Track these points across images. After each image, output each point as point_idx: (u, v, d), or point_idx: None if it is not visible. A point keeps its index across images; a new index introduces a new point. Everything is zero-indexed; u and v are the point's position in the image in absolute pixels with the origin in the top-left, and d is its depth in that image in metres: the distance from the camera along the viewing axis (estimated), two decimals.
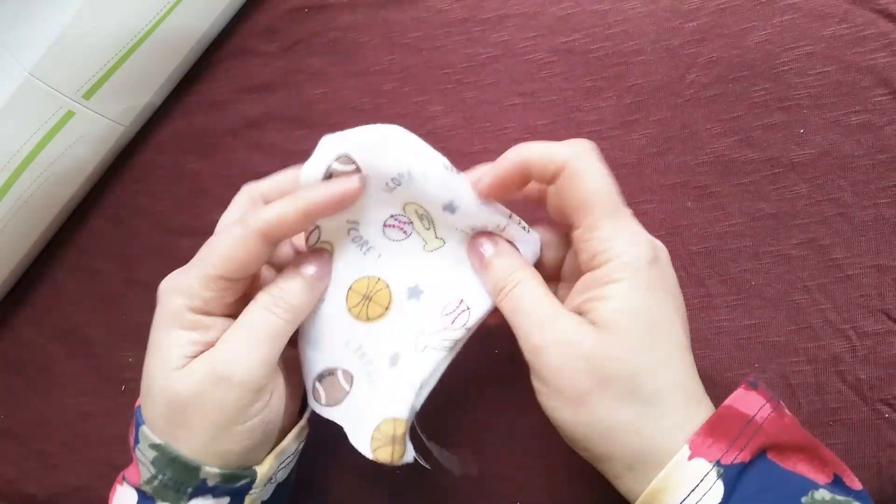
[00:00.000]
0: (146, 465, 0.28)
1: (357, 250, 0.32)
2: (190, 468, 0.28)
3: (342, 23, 0.42)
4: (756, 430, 0.25)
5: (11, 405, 0.47)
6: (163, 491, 0.28)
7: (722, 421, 0.25)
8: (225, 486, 0.28)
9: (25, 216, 0.42)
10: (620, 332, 0.26)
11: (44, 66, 0.37)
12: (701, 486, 0.24)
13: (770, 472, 0.25)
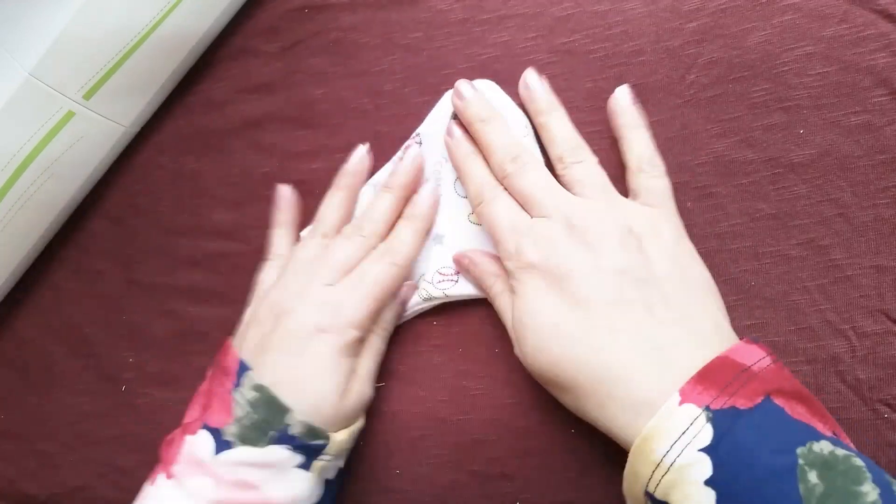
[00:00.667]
0: (242, 404, 0.32)
1: (431, 178, 0.38)
2: (282, 410, 0.32)
3: (342, 23, 0.42)
4: (751, 377, 0.26)
5: (11, 405, 0.47)
6: (248, 431, 0.32)
7: (713, 370, 0.26)
8: (303, 440, 0.32)
9: (25, 216, 0.42)
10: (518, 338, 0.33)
11: (44, 66, 0.37)
12: (690, 430, 0.25)
13: (770, 418, 0.25)
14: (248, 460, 0.31)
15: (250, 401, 0.32)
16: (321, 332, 0.33)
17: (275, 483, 0.32)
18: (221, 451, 0.31)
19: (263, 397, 0.32)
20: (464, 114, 0.35)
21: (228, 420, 0.32)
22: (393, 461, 0.38)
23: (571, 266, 0.30)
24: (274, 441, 0.32)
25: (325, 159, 0.41)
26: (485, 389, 0.37)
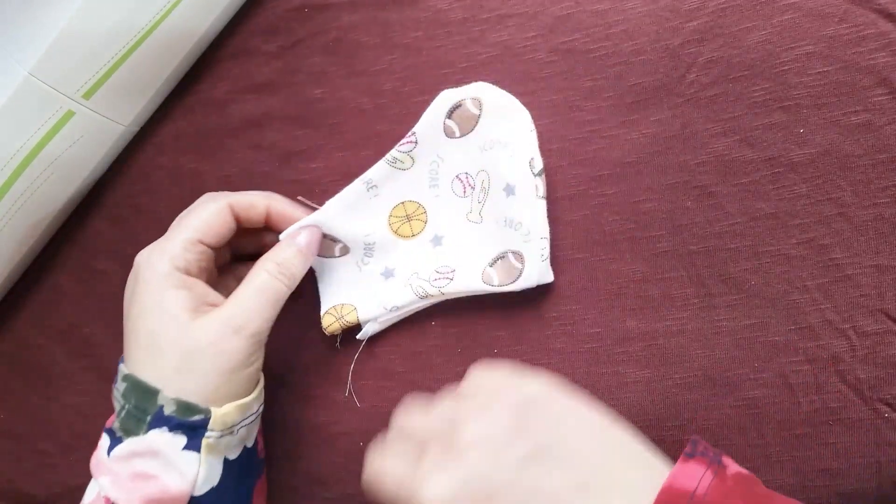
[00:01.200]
0: (118, 398, 0.32)
1: (427, 179, 0.38)
2: (150, 392, 0.31)
3: (342, 23, 0.42)
4: (700, 502, 0.24)
5: (11, 405, 0.47)
6: (127, 422, 0.31)
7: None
8: (180, 418, 0.31)
9: (25, 216, 0.42)
10: None
11: (44, 65, 0.37)
12: None
13: None
14: (134, 450, 0.31)
15: (123, 392, 0.32)
16: (135, 274, 0.33)
17: (167, 470, 0.31)
18: (113, 447, 0.32)
19: (131, 384, 0.31)
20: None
21: (113, 419, 0.32)
22: None
23: (483, 485, 0.26)
24: (151, 425, 0.31)
25: (325, 159, 0.41)
26: None
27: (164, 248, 0.33)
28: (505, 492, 0.25)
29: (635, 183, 0.36)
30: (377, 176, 0.38)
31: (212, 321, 0.32)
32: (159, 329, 0.32)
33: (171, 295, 0.32)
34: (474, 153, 0.37)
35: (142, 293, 0.32)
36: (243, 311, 0.32)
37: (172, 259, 0.32)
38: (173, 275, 0.32)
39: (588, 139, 0.37)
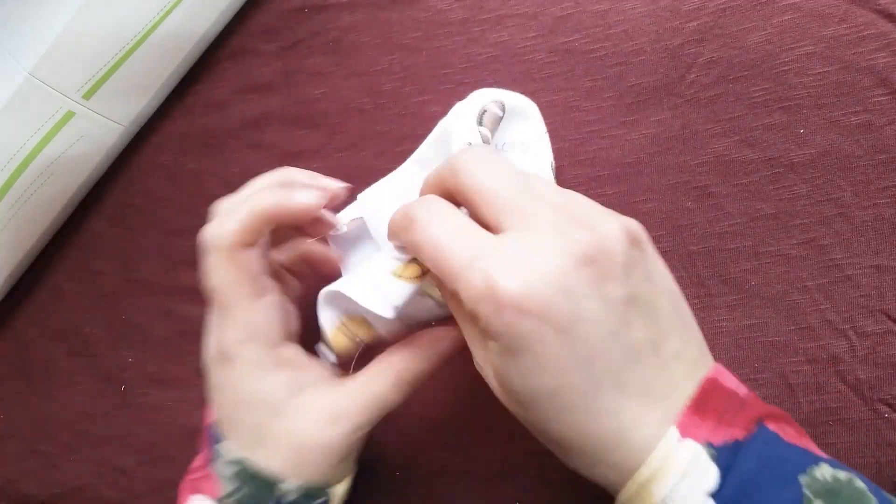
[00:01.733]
0: (225, 480, 0.29)
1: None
2: (270, 484, 0.28)
3: (342, 23, 0.42)
4: (741, 402, 0.24)
5: (12, 405, 0.47)
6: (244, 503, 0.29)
7: (707, 398, 0.23)
8: (303, 501, 0.29)
9: (25, 216, 0.42)
10: (503, 390, 0.26)
11: (44, 66, 0.37)
12: (692, 471, 0.22)
13: (769, 447, 0.23)
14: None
15: (231, 477, 0.29)
16: (225, 360, 0.29)
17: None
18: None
19: (245, 473, 0.29)
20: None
21: (217, 494, 0.29)
22: (392, 462, 0.38)
23: (575, 306, 0.22)
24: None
25: (325, 159, 0.41)
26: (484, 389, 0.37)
27: (249, 329, 0.29)
28: (587, 320, 0.22)
29: (635, 183, 0.36)
30: (425, 153, 0.34)
31: (315, 416, 0.29)
32: (265, 423, 0.29)
33: (273, 383, 0.29)
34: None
35: (240, 384, 0.29)
36: (350, 413, 0.29)
37: (263, 344, 0.29)
38: (267, 356, 0.29)
39: (588, 139, 0.37)
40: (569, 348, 0.22)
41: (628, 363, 0.23)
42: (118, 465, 0.44)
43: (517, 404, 0.25)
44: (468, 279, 0.23)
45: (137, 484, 0.44)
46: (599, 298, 0.23)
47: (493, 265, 0.23)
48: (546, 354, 0.22)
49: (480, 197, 0.24)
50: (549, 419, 0.24)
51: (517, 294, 0.22)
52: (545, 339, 0.22)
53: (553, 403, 0.23)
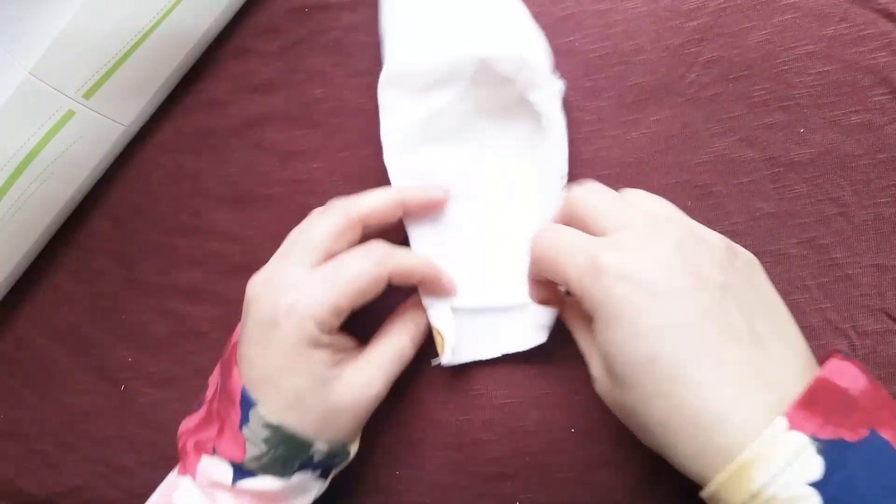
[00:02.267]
0: (256, 444, 0.31)
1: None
2: (305, 445, 0.31)
3: (342, 23, 0.42)
4: (852, 404, 0.23)
5: (11, 405, 0.47)
6: (271, 465, 0.31)
7: (816, 395, 0.23)
8: (327, 462, 0.33)
9: (25, 216, 0.42)
10: (609, 373, 0.27)
11: (44, 65, 0.37)
12: (797, 459, 0.22)
13: (879, 454, 0.23)
14: (272, 488, 0.32)
15: (265, 440, 0.31)
16: (275, 325, 0.31)
17: (295, 496, 0.33)
18: (241, 478, 0.31)
19: (280, 435, 0.31)
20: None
21: (243, 457, 0.31)
22: (392, 462, 0.38)
23: (670, 278, 0.25)
24: (300, 469, 0.32)
25: (325, 159, 0.41)
26: (484, 389, 0.37)
27: (310, 311, 0.31)
28: (680, 291, 0.25)
29: (636, 183, 0.36)
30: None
31: (352, 383, 0.32)
32: (305, 389, 0.31)
33: (316, 356, 0.31)
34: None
35: (285, 350, 0.31)
36: (382, 374, 0.34)
37: (320, 325, 0.31)
38: (319, 338, 0.31)
39: (588, 139, 0.37)
40: (663, 315, 0.24)
41: (725, 341, 0.24)
42: (118, 465, 0.44)
43: (621, 387, 0.26)
44: (575, 263, 0.26)
45: (137, 484, 0.44)
46: (693, 276, 0.25)
47: (596, 249, 0.26)
48: (641, 320, 0.24)
49: (587, 215, 0.28)
50: (649, 395, 0.25)
51: (615, 263, 0.25)
52: (640, 304, 0.24)
53: (652, 373, 0.24)
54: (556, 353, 0.36)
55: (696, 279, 0.25)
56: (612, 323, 0.25)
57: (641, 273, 0.25)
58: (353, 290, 0.31)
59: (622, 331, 0.25)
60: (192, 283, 0.44)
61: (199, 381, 0.43)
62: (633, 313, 0.25)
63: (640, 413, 0.25)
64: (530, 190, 0.37)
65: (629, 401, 0.26)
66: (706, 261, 0.25)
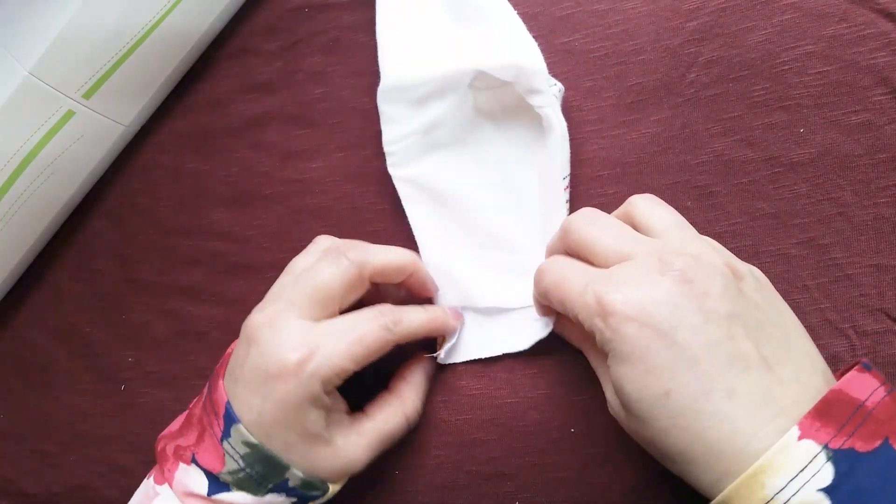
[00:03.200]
0: (235, 458, 0.31)
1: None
2: (280, 467, 0.31)
3: (342, 23, 0.42)
4: (867, 415, 0.24)
5: (11, 405, 0.47)
6: (245, 481, 0.31)
7: (830, 406, 0.24)
8: (301, 491, 0.32)
9: (25, 216, 0.42)
10: (624, 406, 0.27)
11: (44, 65, 0.37)
12: (809, 467, 0.23)
13: (891, 465, 0.23)
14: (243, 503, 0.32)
15: (243, 456, 0.31)
16: (278, 378, 0.30)
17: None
18: (216, 492, 0.31)
19: (258, 455, 0.31)
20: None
21: (220, 468, 0.31)
22: (392, 462, 0.38)
23: (676, 315, 0.25)
24: (271, 491, 0.32)
25: (325, 159, 0.41)
26: (484, 389, 0.37)
27: (322, 370, 0.30)
28: (685, 327, 0.25)
29: (635, 183, 0.36)
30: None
31: (340, 454, 0.32)
32: (294, 442, 0.31)
33: (314, 416, 0.31)
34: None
35: (286, 404, 0.30)
36: (368, 452, 0.33)
37: (325, 385, 0.31)
38: (322, 398, 0.31)
39: (588, 139, 0.37)
40: (672, 352, 0.25)
41: (735, 370, 0.25)
42: (118, 465, 0.44)
43: (637, 419, 0.27)
44: (583, 301, 0.27)
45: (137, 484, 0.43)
46: (698, 311, 0.25)
47: (601, 287, 0.27)
48: (652, 358, 0.25)
49: (590, 247, 0.29)
50: (665, 428, 0.25)
51: (620, 303, 0.26)
52: (649, 343, 0.25)
53: (666, 408, 0.25)
54: (556, 353, 0.36)
55: (702, 313, 0.25)
56: (624, 361, 0.26)
57: (648, 312, 0.25)
58: (362, 355, 0.31)
59: (635, 368, 0.26)
60: (192, 283, 0.44)
61: (199, 381, 0.43)
62: (644, 351, 0.25)
63: (659, 444, 0.26)
64: (532, 191, 0.37)
65: (647, 433, 0.26)
66: (711, 291, 0.26)
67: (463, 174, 0.38)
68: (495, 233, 0.37)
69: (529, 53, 0.35)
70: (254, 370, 0.31)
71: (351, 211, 0.41)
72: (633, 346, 0.25)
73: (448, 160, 0.38)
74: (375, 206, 0.40)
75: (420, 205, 0.38)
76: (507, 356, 0.37)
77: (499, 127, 0.38)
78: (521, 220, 0.37)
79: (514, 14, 0.36)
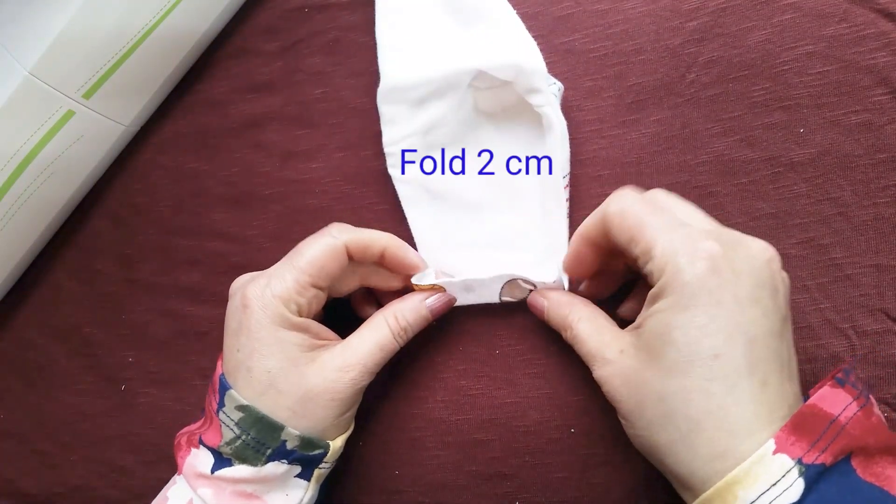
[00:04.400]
0: (230, 426, 0.31)
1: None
2: (274, 427, 0.31)
3: (342, 23, 0.42)
4: (838, 431, 0.25)
5: (11, 405, 0.47)
6: (243, 451, 0.31)
7: (805, 420, 0.25)
8: (301, 452, 0.32)
9: (25, 216, 0.42)
10: (652, 353, 0.27)
11: (44, 65, 0.37)
12: (782, 481, 0.23)
13: (848, 480, 0.24)
14: (246, 477, 0.31)
15: (237, 422, 0.31)
16: (245, 307, 0.32)
17: (275, 493, 0.32)
18: (220, 468, 0.31)
19: (251, 417, 0.31)
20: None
21: (219, 441, 0.32)
22: (392, 462, 0.38)
23: (756, 288, 0.26)
24: (271, 458, 0.31)
25: (325, 159, 0.41)
26: (484, 389, 0.37)
27: (277, 289, 0.32)
28: (761, 307, 0.26)
29: (635, 183, 0.36)
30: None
31: (327, 366, 0.32)
32: (276, 370, 0.31)
33: (287, 336, 0.32)
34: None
35: (256, 331, 0.32)
36: (358, 360, 0.33)
37: (286, 303, 0.32)
38: (288, 317, 0.32)
39: (588, 139, 0.37)
40: (740, 321, 0.25)
41: (776, 367, 0.25)
42: (118, 465, 0.44)
43: (663, 371, 0.26)
44: (670, 236, 0.27)
45: (137, 484, 0.44)
46: (772, 299, 0.26)
47: (699, 233, 0.27)
48: (721, 316, 0.25)
49: (674, 209, 0.29)
50: (694, 388, 0.25)
51: (717, 252, 0.26)
52: (725, 302, 0.25)
53: (709, 369, 0.25)
54: (556, 353, 0.36)
55: (774, 301, 0.26)
56: (689, 308, 0.25)
57: (736, 274, 0.25)
58: (313, 265, 0.32)
59: (696, 319, 0.25)
60: (192, 283, 0.44)
61: (199, 381, 0.43)
62: (716, 307, 0.25)
63: (670, 401, 0.26)
64: (532, 191, 0.37)
65: (666, 388, 0.26)
66: (781, 290, 0.27)
67: (462, 174, 0.38)
68: (495, 233, 0.37)
69: (529, 53, 0.35)
70: (231, 316, 0.33)
71: (351, 211, 0.41)
72: (707, 298, 0.25)
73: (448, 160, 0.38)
74: (375, 206, 0.40)
75: (419, 205, 0.38)
76: (507, 356, 0.37)
77: (498, 127, 0.38)
78: (520, 219, 0.37)
79: (513, 14, 0.36)
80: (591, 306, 0.33)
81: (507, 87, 0.36)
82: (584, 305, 0.33)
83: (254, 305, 0.32)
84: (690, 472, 0.26)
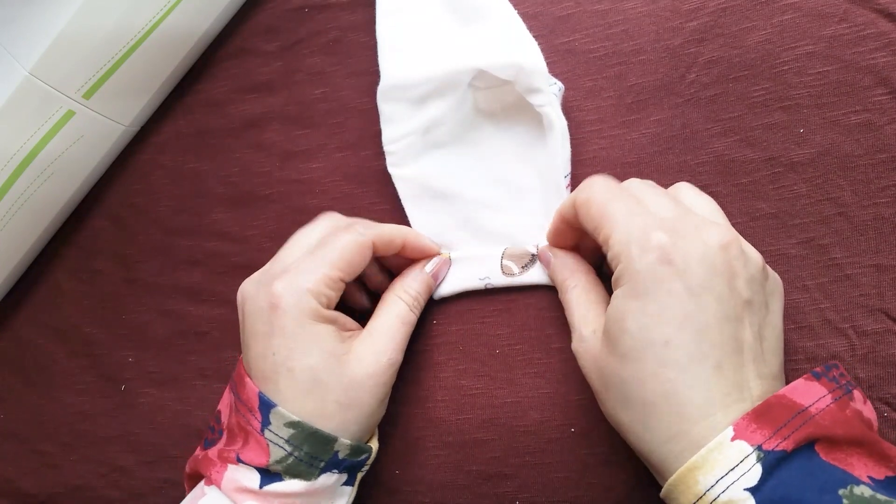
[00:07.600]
0: (280, 444, 0.31)
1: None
2: (327, 440, 0.31)
3: (342, 23, 0.42)
4: (806, 420, 0.25)
5: (11, 405, 0.47)
6: (296, 467, 0.31)
7: (770, 409, 0.25)
8: (350, 459, 0.32)
9: (25, 216, 0.42)
10: (611, 339, 0.28)
11: (44, 65, 0.37)
12: (739, 467, 0.24)
13: (810, 463, 0.24)
14: (299, 491, 0.31)
15: (288, 439, 0.31)
16: (274, 307, 0.31)
17: (321, 500, 0.32)
18: (268, 483, 0.31)
19: (303, 433, 0.31)
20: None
21: (267, 460, 0.31)
22: (392, 461, 0.38)
23: (708, 277, 0.26)
24: (325, 470, 0.31)
25: (325, 159, 0.41)
26: (484, 389, 0.37)
27: (305, 284, 0.31)
28: (713, 293, 0.26)
29: None
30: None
31: (363, 353, 0.33)
32: (319, 365, 0.31)
33: (323, 330, 0.32)
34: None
35: (292, 329, 0.31)
36: (389, 339, 0.34)
37: (317, 296, 0.32)
38: (321, 311, 0.32)
39: (588, 139, 0.37)
40: (691, 309, 0.26)
41: (731, 351, 0.26)
42: (118, 465, 0.44)
43: (619, 357, 0.27)
44: (628, 225, 0.27)
45: (137, 484, 0.44)
46: (728, 284, 0.26)
47: (654, 223, 0.27)
48: (670, 306, 0.26)
49: (643, 197, 0.30)
50: (647, 374, 0.26)
51: (668, 245, 0.26)
52: (675, 291, 0.26)
53: (659, 356, 0.26)
54: (556, 353, 0.36)
55: (729, 287, 0.26)
56: (639, 297, 0.26)
57: (688, 264, 0.26)
58: (342, 259, 0.32)
59: (648, 308, 0.26)
60: (192, 283, 0.44)
61: (199, 381, 0.43)
62: (665, 297, 0.26)
63: (628, 385, 0.27)
64: (533, 190, 0.37)
65: (623, 372, 0.27)
66: (742, 273, 0.27)
67: (463, 173, 0.38)
68: (495, 232, 0.37)
69: (529, 52, 0.35)
70: (254, 318, 0.32)
71: (351, 211, 0.41)
72: (657, 288, 0.26)
73: (448, 159, 0.38)
74: (375, 206, 0.40)
75: (420, 204, 0.38)
76: (507, 357, 0.37)
77: (499, 126, 0.38)
78: (521, 219, 0.37)
79: (514, 13, 0.36)
80: (591, 276, 0.33)
81: (508, 87, 0.36)
82: (584, 274, 0.33)
83: (285, 304, 0.31)
84: (650, 451, 0.27)
